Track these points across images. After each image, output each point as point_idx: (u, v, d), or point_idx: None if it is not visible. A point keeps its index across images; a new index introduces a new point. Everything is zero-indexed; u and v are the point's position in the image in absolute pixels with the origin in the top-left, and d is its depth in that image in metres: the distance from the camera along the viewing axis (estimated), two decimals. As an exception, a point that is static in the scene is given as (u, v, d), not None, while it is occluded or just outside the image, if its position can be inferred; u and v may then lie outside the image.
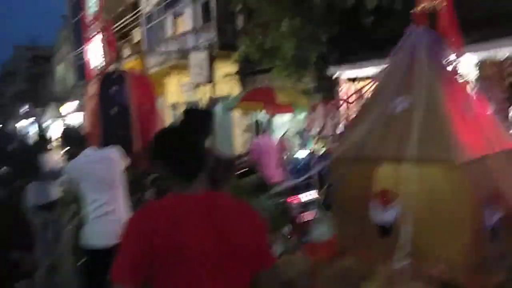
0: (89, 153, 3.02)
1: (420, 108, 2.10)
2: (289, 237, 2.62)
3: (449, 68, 2.23)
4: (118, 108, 3.42)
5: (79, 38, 26.74)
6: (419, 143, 2.04)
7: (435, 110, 2.10)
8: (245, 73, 12.98)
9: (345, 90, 8.20)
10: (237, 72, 13.20)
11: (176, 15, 16.12)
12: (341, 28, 7.80)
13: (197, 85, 15.75)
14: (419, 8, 2.28)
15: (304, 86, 9.10)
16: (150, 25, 17.07)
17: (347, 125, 2.76)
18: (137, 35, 19.10)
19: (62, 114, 32.13)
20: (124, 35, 20.41)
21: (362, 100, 2.62)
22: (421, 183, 2.01)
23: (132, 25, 19.14)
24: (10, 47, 59.07)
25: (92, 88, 3.75)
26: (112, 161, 2.97)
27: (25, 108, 48.21)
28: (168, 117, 18.29)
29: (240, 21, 13.22)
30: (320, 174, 6.06)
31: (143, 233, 1.29)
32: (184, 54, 14.52)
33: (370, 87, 2.51)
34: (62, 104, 32.00)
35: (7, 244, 2.17)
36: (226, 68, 13.45)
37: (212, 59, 12.36)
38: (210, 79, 12.38)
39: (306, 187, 5.52)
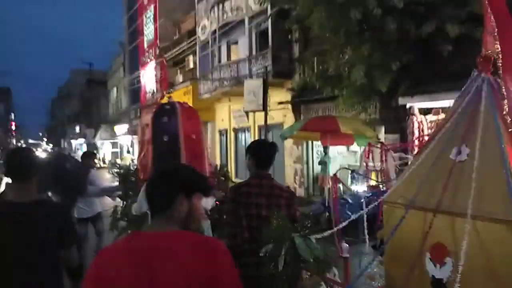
0: None
1: (482, 160, 1.98)
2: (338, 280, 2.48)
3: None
4: (168, 137, 3.66)
5: (134, 64, 27.91)
6: (477, 197, 1.90)
7: (498, 164, 1.95)
8: (299, 102, 12.71)
9: (417, 122, 7.65)
10: (291, 100, 12.96)
11: (231, 44, 16.29)
12: (414, 56, 7.36)
13: (248, 112, 15.67)
14: (484, 53, 2.12)
15: (369, 117, 8.64)
16: (204, 52, 17.34)
17: (406, 168, 2.54)
18: (191, 62, 19.50)
19: (115, 135, 33.20)
20: (178, 61, 20.97)
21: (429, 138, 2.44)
22: (477, 242, 1.87)
23: (187, 52, 19.61)
24: (67, 71, 62.76)
25: (146, 118, 4.01)
26: None
27: (78, 128, 50.64)
28: (216, 143, 18.28)
29: (296, 50, 13.09)
30: (373, 215, 5.51)
31: (95, 278, 1.45)
32: (237, 81, 14.51)
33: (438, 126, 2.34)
34: (113, 125, 33.14)
35: (57, 243, 2.25)
36: (279, 96, 13.26)
37: (266, 87, 12.21)
38: (264, 107, 12.19)
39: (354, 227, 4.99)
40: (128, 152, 31.42)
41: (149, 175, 2.12)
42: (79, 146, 51.01)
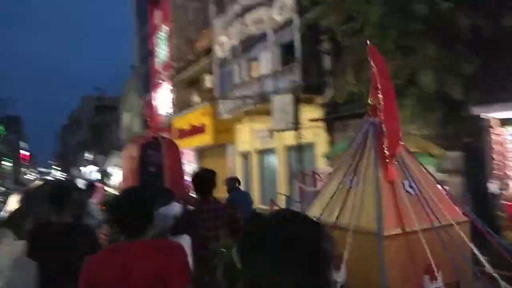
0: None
1: (364, 187, 2.61)
2: None
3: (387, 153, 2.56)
4: (155, 168, 4.19)
5: (146, 87, 27.15)
6: (358, 215, 2.55)
7: (374, 189, 2.52)
8: (334, 118, 11.54)
9: (497, 135, 6.42)
10: (324, 117, 11.79)
11: (251, 60, 15.30)
12: (489, 57, 6.19)
13: (273, 132, 14.53)
14: (371, 101, 2.73)
15: (431, 132, 7.43)
16: (222, 70, 16.37)
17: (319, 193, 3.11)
18: (208, 81, 18.54)
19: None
20: (194, 81, 20.05)
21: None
22: (357, 251, 2.37)
23: (203, 71, 18.68)
24: (77, 97, 62.71)
25: (132, 149, 4.50)
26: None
27: (88, 155, 49.89)
28: (238, 166, 17.08)
29: (326, 62, 12.02)
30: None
31: (86, 279, 1.92)
32: (262, 98, 13.43)
33: None
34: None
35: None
36: (309, 113, 12.10)
37: (297, 103, 11.10)
38: (295, 125, 11.04)
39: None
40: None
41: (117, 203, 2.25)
42: (89, 174, 50.20)
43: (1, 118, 46.21)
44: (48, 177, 55.26)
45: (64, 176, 55.06)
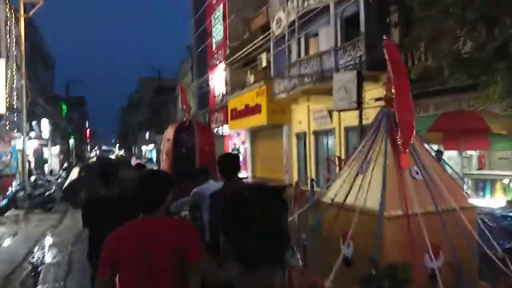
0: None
1: (374, 173, 2.80)
2: None
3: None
4: (186, 149, 4.73)
5: (202, 68, 27.16)
6: (364, 197, 2.76)
7: (380, 175, 2.73)
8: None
9: None
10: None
11: (309, 37, 14.49)
12: None
13: (331, 112, 13.76)
14: (387, 94, 2.90)
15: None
16: (279, 48, 15.70)
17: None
18: (263, 60, 17.98)
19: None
20: (249, 61, 19.60)
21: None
22: (362, 229, 2.61)
23: (258, 50, 18.13)
24: (137, 80, 64.87)
25: (169, 133, 5.02)
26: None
27: (148, 135, 51.64)
28: (293, 148, 16.51)
29: (395, 36, 10.99)
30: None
31: (109, 248, 2.11)
32: (321, 77, 12.66)
33: None
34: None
35: None
36: (373, 92, 11.16)
37: (361, 81, 10.24)
38: (359, 105, 10.23)
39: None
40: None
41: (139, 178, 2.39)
42: (149, 152, 52.24)
43: (67, 98, 48.96)
44: (110, 155, 58.20)
45: (122, 154, 57.58)
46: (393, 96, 2.74)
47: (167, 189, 2.22)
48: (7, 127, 17.70)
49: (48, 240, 9.80)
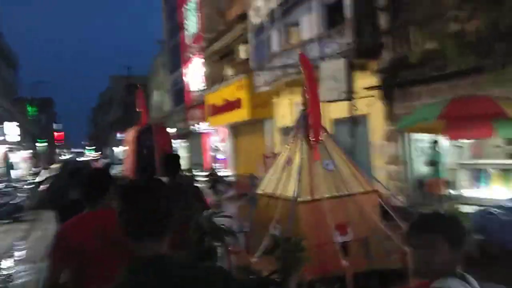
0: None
1: (292, 165, 3.48)
2: None
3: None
4: (146, 150, 5.22)
5: (176, 63, 26.12)
6: (288, 187, 3.31)
7: (300, 165, 3.39)
8: (393, 85, 10.05)
9: None
10: (382, 84, 10.31)
11: (291, 25, 13.82)
12: None
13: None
14: (303, 100, 3.50)
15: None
16: (258, 38, 14.98)
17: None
18: (241, 51, 17.20)
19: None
20: (226, 53, 18.78)
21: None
22: (286, 213, 3.13)
23: (236, 41, 17.35)
24: (107, 78, 62.70)
25: (130, 136, 5.68)
26: None
27: (120, 135, 49.93)
28: (277, 143, 15.86)
29: (383, 20, 10.46)
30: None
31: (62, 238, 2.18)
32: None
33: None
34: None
35: None
36: (362, 81, 10.62)
37: (350, 68, 9.66)
38: (349, 95, 9.64)
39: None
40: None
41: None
42: (121, 153, 50.45)
43: (34, 99, 46.65)
44: (82, 157, 56.02)
45: (95, 156, 55.63)
46: (308, 101, 3.13)
47: (106, 184, 2.36)
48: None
49: (14, 256, 8.78)
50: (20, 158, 33.37)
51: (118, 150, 50.09)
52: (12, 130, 26.98)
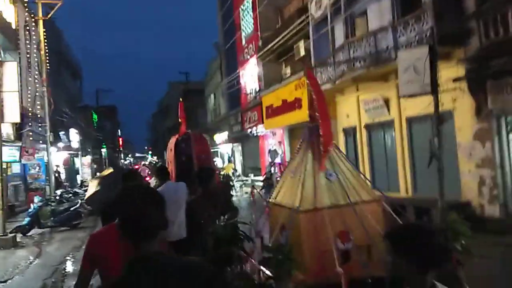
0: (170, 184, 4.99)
1: (296, 176, 3.44)
2: None
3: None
4: (185, 157, 5.55)
5: (231, 65, 25.60)
6: (289, 196, 3.40)
7: (304, 176, 3.34)
8: (483, 76, 8.46)
9: None
10: (469, 75, 8.75)
11: (355, 16, 12.50)
12: None
13: (388, 102, 11.74)
14: (311, 113, 3.43)
15: None
16: (320, 33, 13.80)
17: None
18: (301, 48, 16.10)
19: (214, 144, 31.34)
20: (284, 51, 17.78)
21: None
22: (287, 220, 3.19)
23: (294, 38, 16.28)
24: (165, 85, 64.28)
25: (171, 144, 6.01)
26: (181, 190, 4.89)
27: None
28: (340, 145, 14.52)
29: (469, 2, 8.90)
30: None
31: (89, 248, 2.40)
32: (375, 59, 10.69)
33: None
34: (213, 134, 31.27)
35: None
36: (447, 72, 9.08)
37: (434, 58, 8.20)
38: (434, 87, 8.18)
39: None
40: (230, 161, 29.12)
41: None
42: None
43: (98, 107, 48.73)
44: (145, 162, 57.71)
45: (155, 161, 57.06)
46: (317, 115, 3.18)
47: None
48: (30, 138, 16.67)
49: (69, 267, 8.34)
50: (85, 164, 34.65)
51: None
52: (75, 137, 27.88)
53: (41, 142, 18.56)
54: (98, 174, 11.93)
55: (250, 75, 21.22)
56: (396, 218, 3.16)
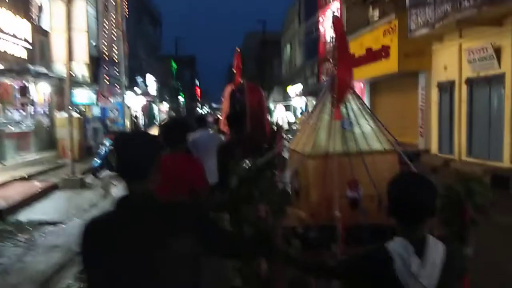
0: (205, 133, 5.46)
1: (315, 124, 3.32)
2: None
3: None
4: (240, 106, 5.60)
5: (311, 10, 23.61)
6: (305, 143, 3.35)
7: (318, 126, 3.29)
8: None
9: None
10: None
11: None
12: None
13: (498, 50, 9.55)
14: (332, 60, 3.31)
15: None
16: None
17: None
18: (393, -13, 13.83)
19: (288, 97, 30.11)
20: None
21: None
22: (300, 165, 3.26)
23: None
24: (242, 35, 63.13)
25: (226, 93, 6.16)
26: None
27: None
28: (433, 103, 12.55)
29: None
30: None
31: None
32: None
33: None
34: (286, 87, 29.98)
35: None
36: None
37: None
38: None
39: None
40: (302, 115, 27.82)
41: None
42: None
43: (178, 56, 49.48)
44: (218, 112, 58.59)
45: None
46: (335, 61, 3.07)
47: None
48: (107, 82, 16.91)
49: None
50: (162, 111, 35.63)
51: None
52: (152, 83, 28.30)
53: (117, 86, 18.86)
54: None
55: (330, 21, 19.26)
56: (414, 169, 2.97)
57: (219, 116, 13.41)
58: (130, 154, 1.49)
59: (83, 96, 16.14)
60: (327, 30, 20.02)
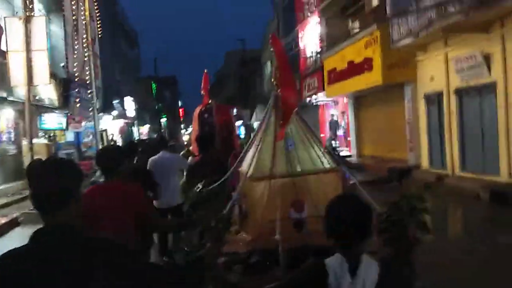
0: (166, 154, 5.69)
1: (259, 145, 3.32)
2: None
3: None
4: (208, 126, 5.72)
5: (290, 26, 23.26)
6: (253, 165, 3.23)
7: (261, 147, 3.28)
8: None
9: None
10: None
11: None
12: None
13: (488, 58, 9.08)
14: (273, 80, 3.24)
15: None
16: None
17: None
18: (373, -2, 13.45)
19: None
20: (350, 4, 15.22)
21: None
22: (248, 189, 3.20)
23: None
24: (222, 56, 62.87)
25: (195, 113, 6.23)
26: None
27: (234, 111, 49.46)
28: (421, 115, 12.02)
29: None
30: None
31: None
32: (479, 2, 8.06)
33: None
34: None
35: None
36: None
37: None
38: None
39: None
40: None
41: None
42: (237, 129, 49.96)
43: (158, 77, 48.71)
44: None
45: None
46: (279, 81, 3.10)
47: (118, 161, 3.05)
48: (78, 105, 15.97)
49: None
50: (143, 133, 34.61)
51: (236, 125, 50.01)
52: (131, 105, 27.40)
53: (90, 110, 17.93)
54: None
55: (310, 36, 18.83)
56: (359, 187, 3.05)
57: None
58: (41, 184, 1.38)
59: (52, 120, 15.15)
60: (306, 45, 19.60)
